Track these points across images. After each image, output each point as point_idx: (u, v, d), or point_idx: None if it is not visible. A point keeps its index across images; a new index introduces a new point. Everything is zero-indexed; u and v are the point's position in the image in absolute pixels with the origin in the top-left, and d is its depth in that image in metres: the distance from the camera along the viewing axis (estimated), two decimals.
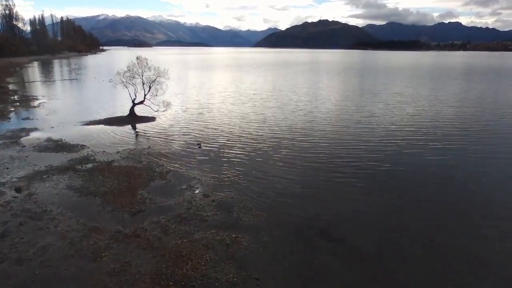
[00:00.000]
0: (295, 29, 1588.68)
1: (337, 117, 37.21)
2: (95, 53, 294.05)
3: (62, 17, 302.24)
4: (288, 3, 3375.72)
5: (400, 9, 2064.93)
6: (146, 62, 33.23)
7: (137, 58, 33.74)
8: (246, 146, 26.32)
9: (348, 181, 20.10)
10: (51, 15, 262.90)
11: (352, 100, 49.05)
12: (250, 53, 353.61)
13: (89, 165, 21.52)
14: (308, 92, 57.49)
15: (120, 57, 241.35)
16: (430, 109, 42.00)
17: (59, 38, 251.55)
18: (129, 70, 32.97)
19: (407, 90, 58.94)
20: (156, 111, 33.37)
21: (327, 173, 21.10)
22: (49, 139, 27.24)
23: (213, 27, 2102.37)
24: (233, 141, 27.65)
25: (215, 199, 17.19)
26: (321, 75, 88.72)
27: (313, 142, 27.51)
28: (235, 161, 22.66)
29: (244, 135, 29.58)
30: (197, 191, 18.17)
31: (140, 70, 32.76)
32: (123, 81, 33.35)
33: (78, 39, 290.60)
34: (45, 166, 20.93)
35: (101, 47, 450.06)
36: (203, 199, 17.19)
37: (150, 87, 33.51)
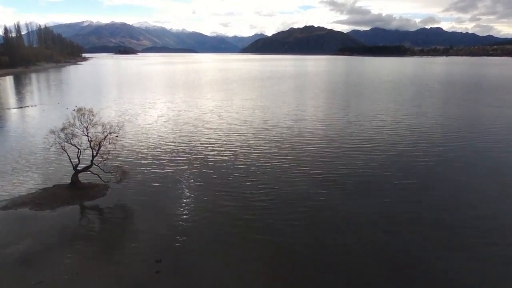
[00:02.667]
0: (281, 34, 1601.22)
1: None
2: (76, 63, 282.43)
3: (40, 25, 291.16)
4: (275, 9, 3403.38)
5: (383, 15, 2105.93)
6: (92, 115, 25.63)
7: (79, 110, 26.21)
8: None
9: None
10: (26, 23, 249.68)
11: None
12: (237, 61, 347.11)
13: None
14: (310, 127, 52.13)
15: (102, 68, 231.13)
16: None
17: (35, 46, 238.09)
18: (70, 125, 24.62)
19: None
20: (106, 182, 24.01)
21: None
22: None
23: (199, 33, 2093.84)
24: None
25: None
26: (314, 97, 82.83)
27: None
28: None
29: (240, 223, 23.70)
30: None
31: (84, 125, 24.76)
32: (59, 143, 23.75)
33: (57, 48, 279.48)
34: None
35: (84, 55, 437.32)
36: None
37: (99, 147, 24.41)
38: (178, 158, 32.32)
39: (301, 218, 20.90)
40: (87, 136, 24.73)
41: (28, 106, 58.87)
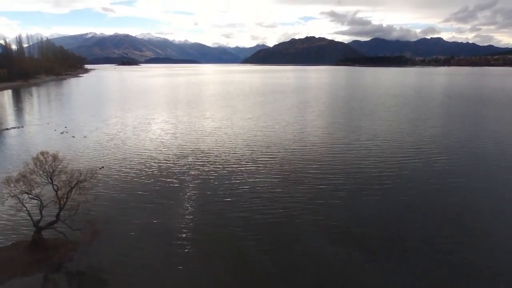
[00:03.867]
0: (282, 45, 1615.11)
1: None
2: (77, 75, 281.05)
3: (41, 37, 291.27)
4: (276, 20, 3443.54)
5: (384, 25, 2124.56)
6: (55, 160, 19.72)
7: (40, 155, 20.31)
8: None
9: None
10: (27, 36, 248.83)
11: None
12: (238, 73, 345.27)
13: None
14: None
15: (102, 81, 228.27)
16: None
17: (35, 58, 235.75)
18: (31, 172, 18.72)
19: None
20: (75, 242, 19.49)
21: None
22: None
23: (201, 44, 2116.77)
24: None
25: None
26: (320, 115, 78.43)
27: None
28: None
29: None
30: None
31: (48, 172, 19.19)
32: (16, 195, 18.59)
33: (58, 60, 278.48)
34: None
35: (86, 66, 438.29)
36: None
37: (67, 199, 19.46)
38: (166, 208, 25.76)
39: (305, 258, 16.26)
40: (52, 185, 19.91)
41: (14, 128, 54.77)
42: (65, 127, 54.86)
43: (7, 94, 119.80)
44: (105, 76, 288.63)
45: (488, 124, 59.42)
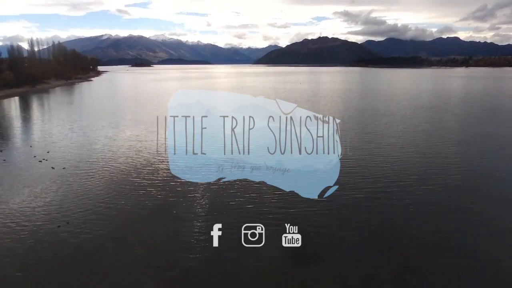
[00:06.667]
0: (295, 46, 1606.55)
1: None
2: (87, 79, 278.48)
3: (53, 41, 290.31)
4: (288, 21, 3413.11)
5: (399, 25, 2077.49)
6: None
7: None
8: None
9: None
10: (37, 39, 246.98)
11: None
12: (251, 76, 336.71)
13: None
14: None
15: (111, 86, 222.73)
16: None
17: (45, 62, 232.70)
18: None
19: None
20: None
21: None
22: None
23: (214, 45, 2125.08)
24: None
25: None
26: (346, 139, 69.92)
27: None
28: None
29: None
30: None
31: None
32: None
33: (70, 64, 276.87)
34: None
35: (100, 68, 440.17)
36: None
37: None
38: None
39: None
40: None
41: None
42: (48, 152, 47.85)
43: (8, 103, 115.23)
44: (115, 80, 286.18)
45: None
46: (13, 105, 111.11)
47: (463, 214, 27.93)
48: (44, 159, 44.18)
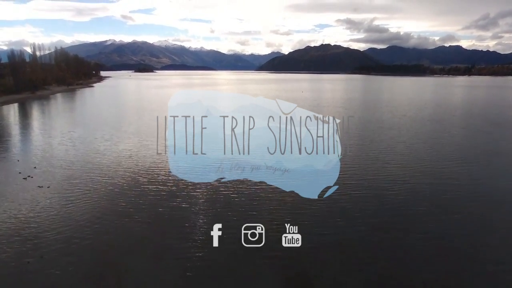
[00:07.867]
0: (297, 53, 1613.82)
1: None
2: (89, 84, 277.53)
3: (56, 46, 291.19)
4: (291, 28, 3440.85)
5: (401, 33, 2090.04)
6: None
7: None
8: None
9: None
10: (38, 45, 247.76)
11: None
12: (253, 83, 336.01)
13: None
14: None
15: (112, 92, 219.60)
16: None
17: (45, 68, 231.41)
18: None
19: None
20: None
21: None
22: None
23: (217, 51, 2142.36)
24: None
25: None
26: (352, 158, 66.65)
27: None
28: None
29: None
30: None
31: None
32: None
33: (72, 69, 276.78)
34: None
35: (102, 73, 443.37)
36: None
37: None
38: None
39: None
40: None
41: None
42: (34, 168, 45.36)
43: (4, 111, 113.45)
44: (117, 86, 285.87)
45: None
46: (9, 112, 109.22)
47: (466, 217, 26.85)
48: (29, 176, 41.62)
